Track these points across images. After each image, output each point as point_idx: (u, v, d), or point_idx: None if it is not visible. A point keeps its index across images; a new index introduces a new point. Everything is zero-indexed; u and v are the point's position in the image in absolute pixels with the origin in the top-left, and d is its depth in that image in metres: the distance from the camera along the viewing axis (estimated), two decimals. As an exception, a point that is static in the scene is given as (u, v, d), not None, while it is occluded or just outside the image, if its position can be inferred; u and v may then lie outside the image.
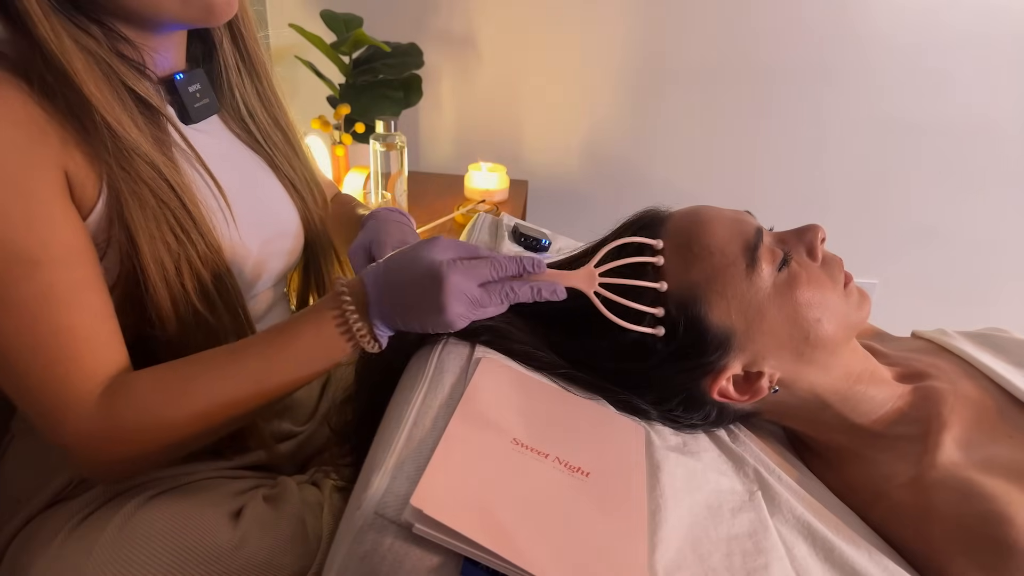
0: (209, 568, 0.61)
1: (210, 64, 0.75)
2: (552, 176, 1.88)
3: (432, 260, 0.56)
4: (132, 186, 0.60)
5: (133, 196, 0.60)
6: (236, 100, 0.77)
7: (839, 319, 0.65)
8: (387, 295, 0.58)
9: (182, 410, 0.59)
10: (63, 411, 0.57)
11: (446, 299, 0.55)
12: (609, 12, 1.69)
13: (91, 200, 0.60)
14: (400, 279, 0.58)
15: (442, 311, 0.56)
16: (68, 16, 0.58)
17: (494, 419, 0.55)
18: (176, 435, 0.59)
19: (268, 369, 0.60)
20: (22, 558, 0.65)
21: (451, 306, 0.56)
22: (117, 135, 0.59)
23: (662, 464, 0.58)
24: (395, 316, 0.59)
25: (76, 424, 0.57)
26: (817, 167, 1.83)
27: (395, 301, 0.58)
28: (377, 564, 0.44)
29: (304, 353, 0.60)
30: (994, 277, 1.93)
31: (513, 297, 0.59)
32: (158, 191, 0.62)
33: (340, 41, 1.49)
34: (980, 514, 0.56)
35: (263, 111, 0.79)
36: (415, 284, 0.57)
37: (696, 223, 0.67)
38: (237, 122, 0.77)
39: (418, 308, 0.57)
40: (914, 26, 1.66)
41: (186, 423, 0.59)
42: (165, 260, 0.63)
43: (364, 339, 0.60)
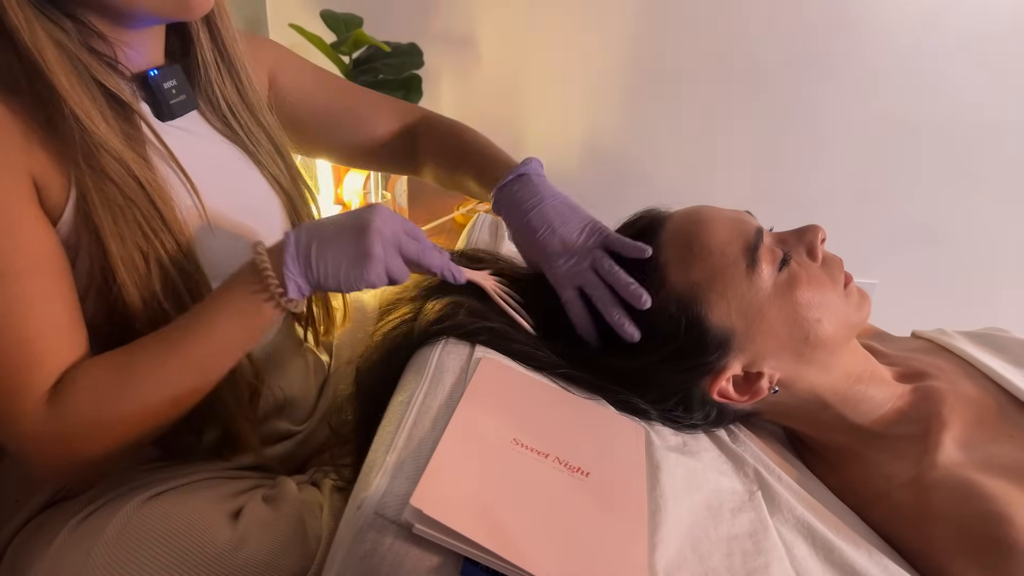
0: (209, 568, 0.61)
1: (188, 61, 0.73)
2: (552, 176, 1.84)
3: (362, 210, 0.60)
4: (99, 184, 0.60)
5: (100, 195, 0.60)
6: (216, 96, 0.74)
7: (839, 319, 0.65)
8: (307, 242, 0.59)
9: (123, 408, 0.59)
10: (19, 422, 0.57)
11: (370, 240, 0.58)
12: (609, 12, 1.69)
13: (60, 204, 0.60)
14: (324, 226, 0.60)
15: (363, 252, 0.58)
16: (40, 8, 0.57)
17: (494, 419, 0.55)
18: (121, 432, 0.60)
19: (198, 345, 0.60)
20: (22, 558, 0.65)
21: (374, 247, 0.58)
22: (85, 129, 0.58)
23: (662, 464, 0.58)
24: (313, 264, 0.59)
25: (27, 428, 0.58)
26: (817, 167, 1.83)
27: (317, 247, 0.59)
28: (377, 564, 0.44)
29: (227, 323, 0.60)
30: (994, 277, 1.93)
31: (419, 256, 0.62)
32: (126, 189, 0.61)
33: (340, 41, 1.49)
34: (980, 514, 0.56)
35: (243, 107, 0.77)
36: (341, 229, 0.59)
37: (696, 223, 0.67)
38: (218, 118, 0.76)
39: (339, 250, 0.58)
40: (915, 26, 1.66)
41: (128, 419, 0.60)
42: (136, 259, 0.62)
43: (278, 292, 0.59)
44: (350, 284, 0.60)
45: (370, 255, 0.58)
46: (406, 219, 0.61)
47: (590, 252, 0.67)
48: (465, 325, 0.64)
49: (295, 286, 0.60)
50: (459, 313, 0.64)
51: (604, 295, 0.66)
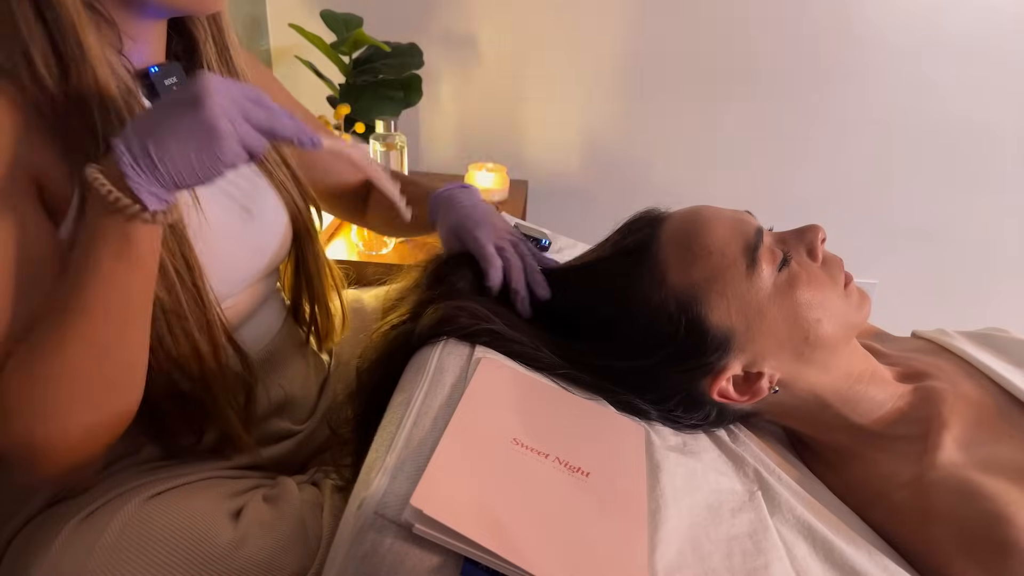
0: (209, 568, 0.61)
1: (190, 63, 0.73)
2: (552, 176, 1.88)
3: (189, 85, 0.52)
4: None
5: None
6: None
7: (839, 319, 0.65)
8: (141, 143, 0.51)
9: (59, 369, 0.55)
10: None
11: (211, 116, 0.50)
12: (609, 12, 1.69)
13: (64, 201, 0.59)
14: (154, 118, 0.52)
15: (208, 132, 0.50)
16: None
17: (494, 419, 0.55)
18: (76, 397, 0.56)
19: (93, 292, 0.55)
20: (22, 558, 0.65)
21: (218, 122, 0.50)
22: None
23: (662, 464, 0.58)
24: (159, 164, 0.50)
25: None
26: (817, 167, 1.83)
27: (155, 144, 0.50)
28: (377, 564, 0.44)
29: (106, 268, 0.54)
30: (994, 277, 1.93)
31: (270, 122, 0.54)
32: None
33: (340, 41, 1.49)
34: (980, 514, 0.56)
35: None
36: (173, 113, 0.51)
37: (696, 223, 0.67)
38: None
39: (181, 139, 0.50)
40: (914, 27, 1.66)
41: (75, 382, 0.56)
42: None
43: (136, 210, 0.51)
44: (207, 172, 0.52)
45: (217, 133, 0.51)
46: (243, 83, 0.54)
47: (515, 240, 0.76)
48: (466, 327, 0.64)
49: (151, 196, 0.52)
50: (460, 315, 0.64)
51: (519, 266, 0.72)
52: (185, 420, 0.68)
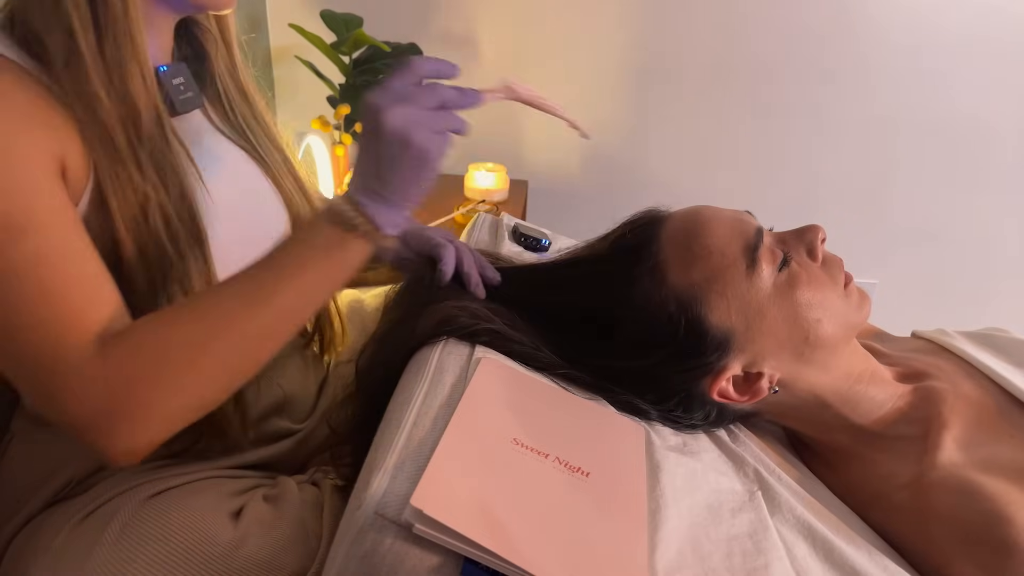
0: (210, 568, 0.61)
1: (197, 65, 0.75)
2: (552, 176, 1.87)
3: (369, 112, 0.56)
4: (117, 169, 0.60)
5: (116, 182, 0.60)
6: (221, 96, 0.77)
7: (839, 319, 0.65)
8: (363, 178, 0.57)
9: (196, 340, 0.55)
10: (63, 375, 0.53)
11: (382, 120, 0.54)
12: (609, 12, 1.69)
13: (79, 190, 0.60)
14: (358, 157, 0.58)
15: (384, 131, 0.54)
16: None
17: (494, 419, 0.55)
18: (190, 379, 0.55)
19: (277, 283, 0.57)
20: (22, 558, 0.65)
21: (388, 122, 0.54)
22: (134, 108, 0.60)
23: (662, 464, 0.58)
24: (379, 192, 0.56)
25: (77, 382, 0.53)
26: (817, 167, 1.83)
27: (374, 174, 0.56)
28: (377, 564, 0.44)
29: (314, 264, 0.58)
30: (994, 277, 1.93)
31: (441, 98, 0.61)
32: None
33: (340, 41, 1.49)
34: (980, 514, 0.56)
35: (247, 109, 0.79)
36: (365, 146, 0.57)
37: (696, 223, 0.67)
38: (223, 118, 0.77)
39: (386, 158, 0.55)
40: (914, 26, 1.66)
41: (204, 357, 0.55)
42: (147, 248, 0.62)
43: (369, 228, 0.56)
44: (426, 175, 0.57)
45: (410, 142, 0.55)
46: (399, 75, 0.58)
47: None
48: (466, 326, 0.64)
49: (387, 221, 0.57)
50: (460, 315, 0.64)
51: (468, 252, 0.74)
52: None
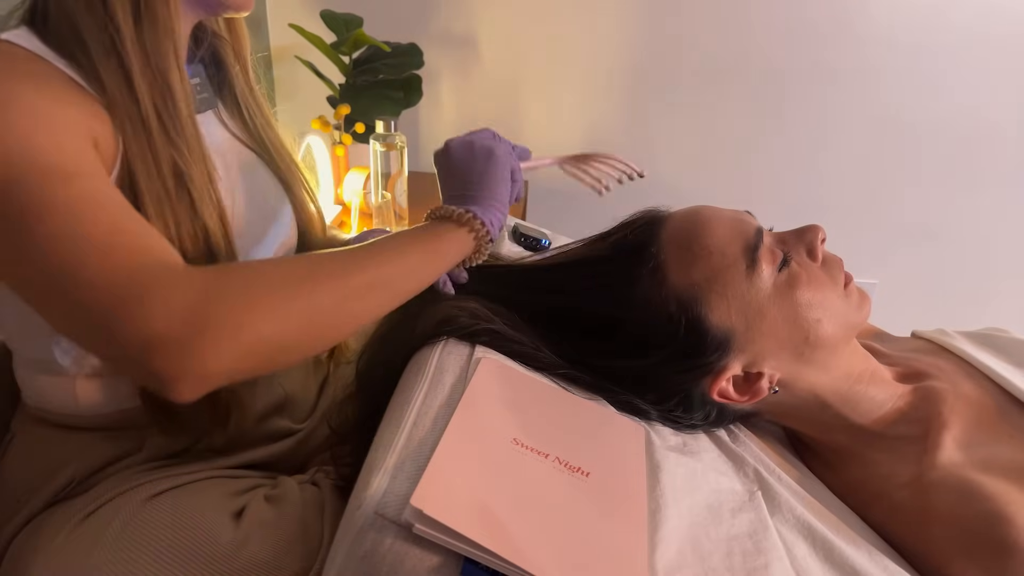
0: (212, 568, 0.61)
1: (212, 68, 0.77)
2: (552, 176, 1.87)
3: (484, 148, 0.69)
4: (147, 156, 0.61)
5: (146, 170, 0.61)
6: (240, 103, 0.79)
7: (839, 319, 0.65)
8: (460, 190, 0.67)
9: (298, 272, 0.54)
10: (149, 285, 0.48)
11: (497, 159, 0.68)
12: (609, 12, 1.69)
13: (109, 167, 0.60)
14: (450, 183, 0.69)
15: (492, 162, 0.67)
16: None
17: (494, 419, 0.55)
18: (285, 312, 0.50)
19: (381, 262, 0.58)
20: (23, 558, 0.65)
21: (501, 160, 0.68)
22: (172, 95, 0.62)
23: (662, 464, 0.58)
24: (463, 189, 0.66)
25: (168, 293, 0.48)
26: (817, 167, 1.83)
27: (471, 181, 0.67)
28: (377, 564, 0.44)
29: (423, 242, 0.62)
30: (994, 277, 1.93)
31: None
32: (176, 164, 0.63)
33: (340, 41, 1.49)
34: (980, 514, 0.56)
35: (259, 113, 0.82)
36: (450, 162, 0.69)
37: (696, 223, 0.67)
38: (240, 124, 0.79)
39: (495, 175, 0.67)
40: (914, 27, 1.66)
41: (293, 298, 0.52)
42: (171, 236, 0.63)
43: (478, 224, 0.64)
44: (512, 192, 0.69)
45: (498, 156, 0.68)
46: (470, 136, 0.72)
47: None
48: (466, 326, 0.64)
49: (491, 221, 0.65)
50: (460, 315, 0.64)
51: None
52: (192, 412, 0.68)
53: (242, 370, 0.50)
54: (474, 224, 0.64)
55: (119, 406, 0.71)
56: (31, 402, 0.73)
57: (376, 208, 1.34)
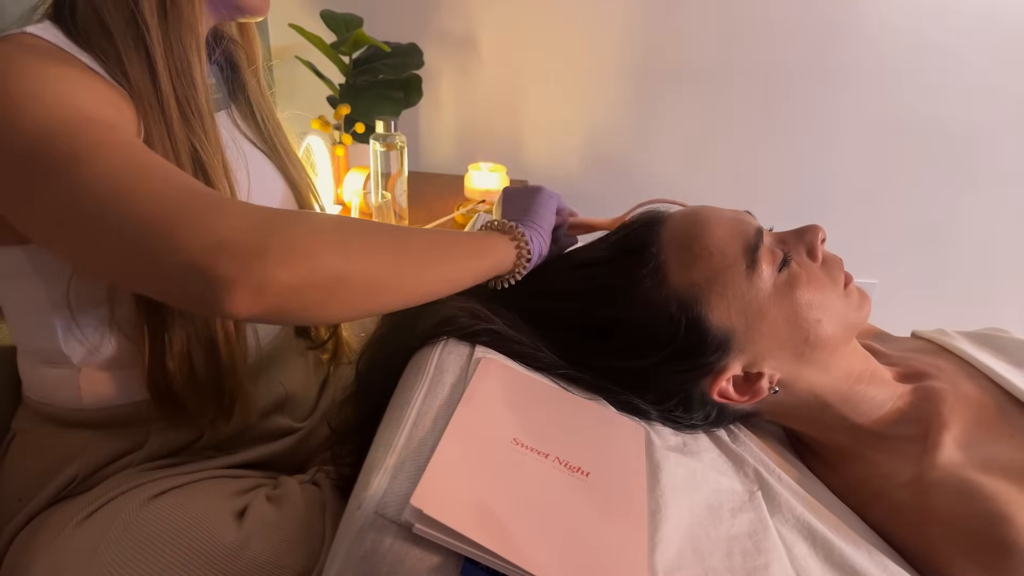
0: (214, 568, 0.61)
1: (227, 71, 0.80)
2: (552, 176, 1.88)
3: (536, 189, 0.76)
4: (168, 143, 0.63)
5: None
6: (253, 106, 0.81)
7: (839, 319, 0.65)
8: (515, 215, 0.71)
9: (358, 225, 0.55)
10: (219, 199, 0.49)
11: (544, 192, 0.75)
12: (610, 11, 1.69)
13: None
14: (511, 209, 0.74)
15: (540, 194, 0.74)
16: None
17: (494, 419, 0.55)
18: (344, 252, 0.50)
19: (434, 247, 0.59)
20: (24, 557, 0.66)
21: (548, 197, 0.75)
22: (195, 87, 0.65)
23: (662, 464, 0.58)
24: (520, 213, 0.71)
25: (238, 207, 0.49)
26: (817, 167, 1.83)
27: (512, 211, 0.73)
28: (377, 564, 0.44)
29: (469, 244, 0.63)
30: (994, 277, 1.93)
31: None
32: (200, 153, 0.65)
33: (340, 41, 1.49)
34: (980, 514, 0.56)
35: (270, 117, 0.84)
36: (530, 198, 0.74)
37: (696, 223, 0.67)
38: (252, 127, 0.81)
39: (543, 210, 0.72)
40: (916, 27, 1.66)
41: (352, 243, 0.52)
42: None
43: (523, 238, 0.67)
44: (550, 220, 0.73)
45: (552, 196, 0.75)
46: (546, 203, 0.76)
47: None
48: (466, 326, 0.64)
49: (536, 245, 0.68)
50: (460, 315, 0.65)
51: None
52: (199, 403, 0.70)
53: (297, 292, 0.48)
54: (516, 233, 0.67)
55: (127, 399, 0.71)
56: (33, 396, 0.73)
57: (376, 208, 1.34)
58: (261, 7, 0.71)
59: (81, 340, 0.68)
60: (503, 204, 0.75)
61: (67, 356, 0.68)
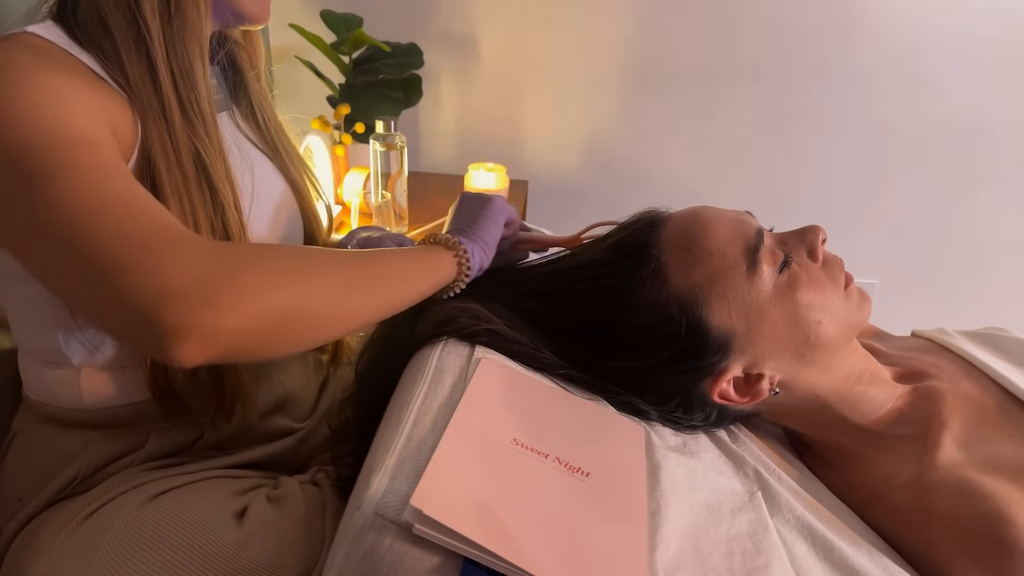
0: (214, 568, 0.61)
1: (230, 72, 0.81)
2: (552, 176, 1.88)
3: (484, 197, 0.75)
4: (168, 151, 0.63)
5: (168, 164, 0.63)
6: (256, 108, 0.81)
7: (840, 320, 0.65)
8: (459, 229, 0.71)
9: (308, 256, 0.55)
10: (168, 243, 0.49)
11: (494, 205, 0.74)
12: (609, 12, 1.69)
13: (127, 157, 0.61)
14: (459, 220, 0.73)
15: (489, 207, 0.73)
16: None
17: (494, 419, 0.55)
18: (288, 287, 0.51)
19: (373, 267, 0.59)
20: (23, 557, 0.65)
21: (498, 210, 0.73)
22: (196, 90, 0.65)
23: (662, 464, 0.58)
24: (466, 226, 0.70)
25: (186, 252, 0.49)
26: (817, 167, 1.83)
27: (459, 221, 0.72)
28: (377, 564, 0.44)
29: (408, 261, 0.63)
30: (994, 277, 1.93)
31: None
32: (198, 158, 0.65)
33: (340, 41, 1.49)
34: (980, 514, 0.56)
35: (271, 117, 0.84)
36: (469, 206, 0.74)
37: (696, 224, 0.67)
38: (254, 128, 0.81)
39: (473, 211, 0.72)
40: (914, 27, 1.66)
41: (311, 270, 0.53)
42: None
43: (465, 256, 0.67)
44: (496, 237, 0.73)
45: (502, 208, 0.74)
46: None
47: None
48: (466, 327, 0.64)
49: (477, 259, 0.68)
50: (461, 316, 0.65)
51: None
52: (200, 402, 0.71)
53: (247, 337, 0.49)
54: (459, 250, 0.67)
55: (127, 400, 0.71)
56: (34, 395, 0.73)
57: (376, 208, 1.34)
58: (262, 16, 0.72)
59: (82, 341, 0.68)
60: (456, 211, 0.75)
61: (67, 357, 0.68)
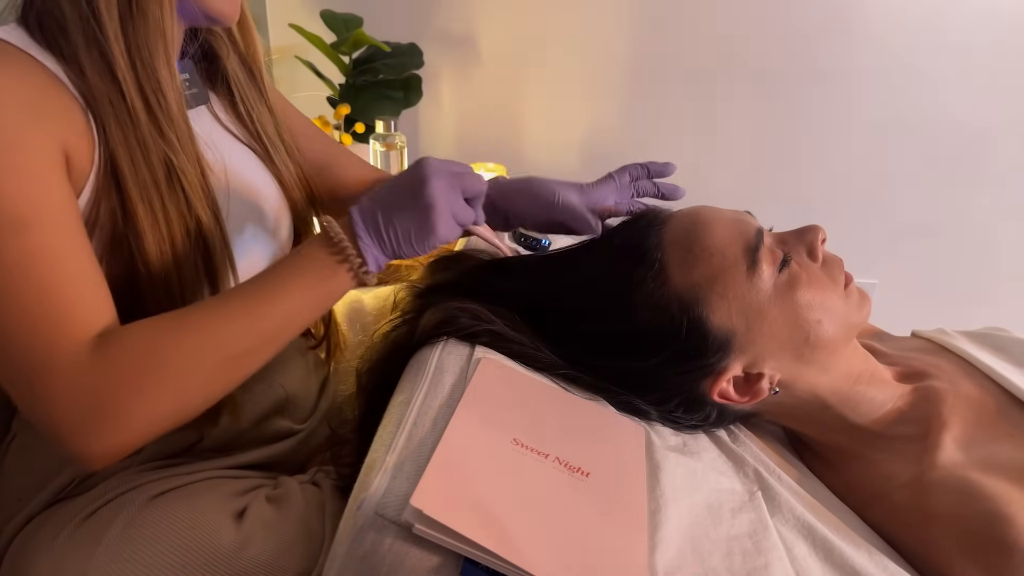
0: (214, 569, 0.61)
1: (207, 65, 0.77)
2: (552, 175, 1.87)
3: (414, 167, 0.61)
4: (134, 153, 0.62)
5: (132, 167, 0.61)
6: (236, 97, 0.78)
7: (839, 320, 0.65)
8: (372, 212, 0.60)
9: (176, 358, 0.55)
10: (53, 375, 0.52)
11: (426, 179, 0.59)
12: (609, 12, 1.69)
13: (84, 172, 0.60)
14: (383, 195, 0.61)
15: (423, 194, 0.59)
16: None
17: (494, 419, 0.55)
18: (173, 388, 0.54)
19: (264, 305, 0.58)
20: (23, 558, 0.65)
21: (431, 185, 0.59)
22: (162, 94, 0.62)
23: (662, 464, 0.58)
24: (384, 234, 0.59)
25: (65, 383, 0.52)
26: (817, 167, 1.83)
27: (383, 215, 0.59)
28: (377, 564, 0.44)
29: (300, 286, 0.59)
30: (994, 277, 1.93)
31: (477, 189, 0.63)
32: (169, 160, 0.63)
33: (340, 41, 1.49)
34: (980, 514, 0.56)
35: (256, 106, 0.81)
36: (400, 192, 0.60)
37: (696, 224, 0.67)
38: (235, 119, 0.78)
39: (404, 215, 0.59)
40: (914, 26, 1.66)
41: (181, 372, 0.55)
42: (162, 231, 0.63)
43: (356, 262, 0.59)
44: (423, 246, 0.60)
45: (435, 212, 0.59)
46: (450, 160, 0.63)
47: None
48: (467, 327, 0.64)
49: (373, 258, 0.60)
50: (461, 316, 0.65)
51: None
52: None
53: (147, 438, 0.56)
54: (360, 272, 0.60)
55: None
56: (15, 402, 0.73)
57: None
58: (231, 14, 0.68)
59: None
60: (394, 182, 0.62)
61: None
